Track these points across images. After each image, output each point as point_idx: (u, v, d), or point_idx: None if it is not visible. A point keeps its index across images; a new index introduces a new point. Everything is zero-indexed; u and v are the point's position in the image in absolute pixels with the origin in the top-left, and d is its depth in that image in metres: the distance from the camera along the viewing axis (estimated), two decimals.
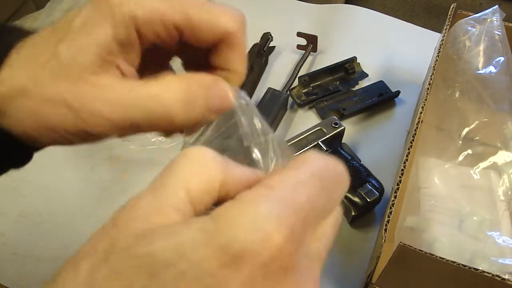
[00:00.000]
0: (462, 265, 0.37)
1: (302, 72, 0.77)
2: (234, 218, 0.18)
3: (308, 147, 0.62)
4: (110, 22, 0.24)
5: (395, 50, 0.84)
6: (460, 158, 0.59)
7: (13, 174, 0.31)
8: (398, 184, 0.45)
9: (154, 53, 0.28)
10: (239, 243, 0.17)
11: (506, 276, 0.36)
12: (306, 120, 0.73)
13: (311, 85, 0.76)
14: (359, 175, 0.60)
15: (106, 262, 0.18)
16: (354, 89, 0.77)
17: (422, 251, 0.37)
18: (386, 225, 0.41)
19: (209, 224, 0.18)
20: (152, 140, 0.67)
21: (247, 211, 0.18)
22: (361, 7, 0.93)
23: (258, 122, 0.25)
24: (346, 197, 0.59)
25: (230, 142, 0.25)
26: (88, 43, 0.24)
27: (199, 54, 0.27)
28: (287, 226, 0.18)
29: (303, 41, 0.81)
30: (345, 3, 1.02)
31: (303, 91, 0.75)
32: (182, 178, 0.20)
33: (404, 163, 0.46)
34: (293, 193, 0.20)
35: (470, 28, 0.61)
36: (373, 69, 0.80)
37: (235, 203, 0.19)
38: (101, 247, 0.19)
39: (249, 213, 0.18)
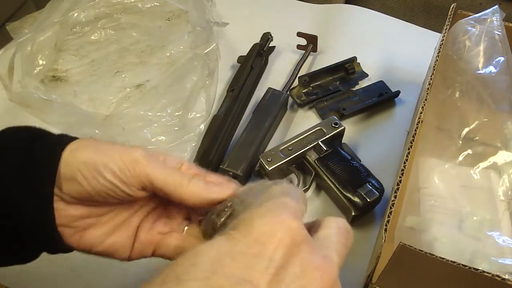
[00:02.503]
0: (462, 265, 0.37)
1: (302, 72, 0.77)
2: (248, 219, 0.25)
3: (308, 147, 0.62)
4: None
5: (395, 50, 0.84)
6: (460, 158, 0.59)
7: None
8: (398, 184, 0.45)
9: None
10: (257, 229, 0.24)
11: (506, 276, 0.36)
12: (306, 120, 0.73)
13: (311, 85, 0.76)
14: (359, 175, 0.60)
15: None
16: (354, 89, 0.77)
17: (422, 251, 0.37)
18: (386, 225, 0.42)
19: (232, 232, 0.25)
20: (152, 140, 0.67)
21: (255, 214, 0.25)
22: (361, 7, 0.93)
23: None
24: (346, 197, 0.59)
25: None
26: None
27: None
28: (293, 212, 0.25)
29: (303, 41, 0.81)
30: (345, 3, 1.02)
31: (303, 91, 0.75)
32: None
33: (404, 163, 0.46)
34: (283, 198, 0.27)
35: (470, 28, 0.61)
36: (373, 69, 0.80)
37: (244, 216, 0.25)
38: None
39: (258, 214, 0.25)
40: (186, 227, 0.37)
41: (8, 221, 0.32)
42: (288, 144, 0.62)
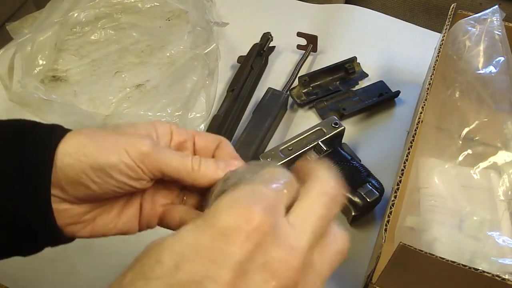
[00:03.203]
0: (462, 265, 0.37)
1: (302, 72, 0.77)
2: (214, 208, 0.23)
3: (308, 147, 0.62)
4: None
5: (395, 50, 0.84)
6: (460, 158, 0.59)
7: None
8: (398, 184, 0.45)
9: None
10: (222, 221, 0.23)
11: (506, 276, 0.36)
12: (306, 120, 0.73)
13: (311, 85, 0.76)
14: (359, 175, 0.60)
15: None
16: (354, 89, 0.77)
17: (422, 251, 0.37)
18: (386, 225, 0.42)
19: (199, 221, 0.23)
20: None
21: (222, 202, 0.24)
22: (361, 7, 0.93)
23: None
24: (346, 197, 0.59)
25: None
26: None
27: None
28: (257, 203, 0.23)
29: (303, 41, 0.81)
30: (345, 3, 1.02)
31: (303, 91, 0.75)
32: None
33: (404, 163, 0.46)
34: (256, 186, 0.25)
35: (470, 28, 0.61)
36: (373, 69, 0.80)
37: (214, 204, 0.24)
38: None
39: (224, 202, 0.24)
40: (184, 197, 0.37)
41: (6, 218, 0.31)
42: (288, 144, 0.62)
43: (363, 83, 0.78)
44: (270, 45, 0.80)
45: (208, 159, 0.34)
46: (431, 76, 0.55)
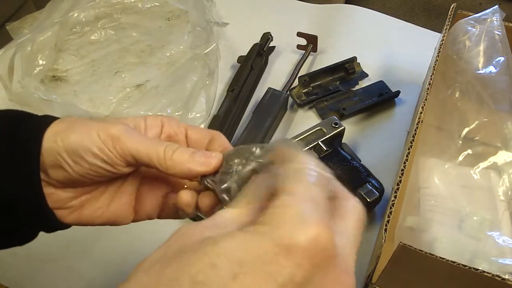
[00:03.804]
0: (462, 265, 0.37)
1: (302, 72, 0.77)
2: (280, 219, 0.22)
3: (308, 147, 0.62)
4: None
5: (395, 50, 0.84)
6: (460, 158, 0.59)
7: None
8: (398, 184, 0.45)
9: None
10: (289, 237, 0.21)
11: (506, 276, 0.36)
12: (306, 120, 0.73)
13: (311, 85, 0.76)
14: (359, 175, 0.60)
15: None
16: (354, 89, 0.77)
17: (422, 251, 0.37)
18: (386, 225, 0.41)
19: (261, 227, 0.22)
20: None
21: (288, 212, 0.22)
22: (361, 7, 0.93)
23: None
24: None
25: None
26: None
27: None
28: (323, 220, 0.22)
29: (303, 41, 0.81)
30: (345, 3, 1.02)
31: (303, 91, 0.75)
32: None
33: (404, 163, 0.46)
34: (311, 192, 0.23)
35: (470, 28, 0.61)
36: (373, 69, 0.80)
37: (276, 209, 0.22)
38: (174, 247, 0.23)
39: (291, 214, 0.22)
40: (185, 186, 0.37)
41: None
42: None
43: (363, 83, 0.78)
44: (270, 45, 0.80)
45: (185, 148, 0.33)
46: (431, 76, 0.55)
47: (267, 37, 0.79)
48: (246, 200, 0.26)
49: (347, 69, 0.77)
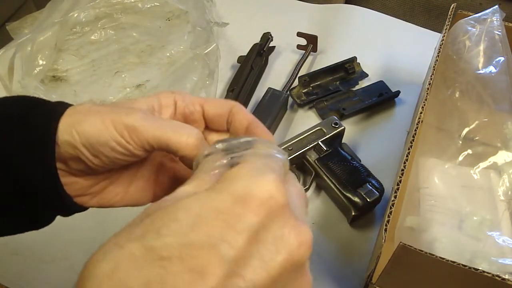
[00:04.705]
0: (462, 265, 0.37)
1: (302, 72, 0.77)
2: (237, 175, 0.24)
3: (308, 147, 0.62)
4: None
5: (395, 50, 0.84)
6: (460, 158, 0.59)
7: None
8: (398, 184, 0.45)
9: None
10: (244, 188, 0.23)
11: (506, 276, 0.36)
12: (306, 120, 0.73)
13: (311, 85, 0.76)
14: (359, 175, 0.60)
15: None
16: (354, 89, 0.77)
17: (422, 251, 0.37)
18: (386, 225, 0.41)
19: (218, 185, 0.24)
20: None
21: (244, 169, 0.24)
22: (361, 7, 0.93)
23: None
24: (346, 197, 0.59)
25: None
26: None
27: None
28: (278, 176, 0.24)
29: (303, 41, 0.81)
30: (345, 3, 1.02)
31: (303, 91, 0.75)
32: None
33: (404, 163, 0.46)
34: (266, 161, 0.26)
35: (470, 28, 0.61)
36: (373, 69, 0.80)
37: (232, 171, 0.24)
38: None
39: (246, 170, 0.24)
40: None
41: (14, 188, 0.32)
42: (288, 144, 0.62)
43: (363, 83, 0.78)
44: (270, 45, 0.80)
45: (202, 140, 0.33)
46: (431, 76, 0.55)
47: (267, 37, 0.79)
48: (205, 171, 0.27)
49: (347, 69, 0.77)
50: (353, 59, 0.78)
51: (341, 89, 0.76)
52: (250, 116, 0.35)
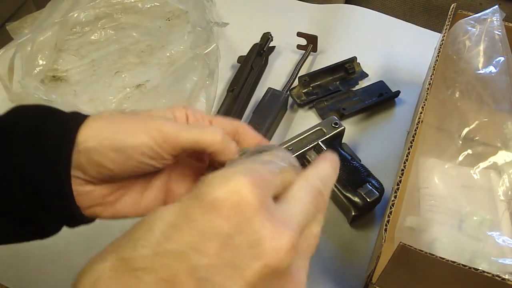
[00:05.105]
0: (462, 265, 0.37)
1: (302, 72, 0.77)
2: (206, 182, 0.24)
3: (308, 147, 0.62)
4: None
5: (395, 50, 0.84)
6: (460, 158, 0.59)
7: None
8: (398, 184, 0.45)
9: None
10: (211, 193, 0.23)
11: (506, 276, 0.36)
12: (306, 120, 0.73)
13: (311, 85, 0.76)
14: (359, 175, 0.60)
15: None
16: (354, 89, 0.77)
17: (422, 251, 0.37)
18: (386, 225, 0.42)
19: (190, 194, 0.24)
20: None
21: (215, 177, 0.24)
22: (361, 7, 0.93)
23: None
24: (346, 197, 0.59)
25: None
26: None
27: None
28: (246, 177, 0.23)
29: (303, 41, 0.81)
30: (345, 3, 1.02)
31: (303, 91, 0.75)
32: None
33: (404, 163, 0.46)
34: (252, 164, 0.26)
35: (470, 28, 0.61)
36: (373, 69, 0.80)
37: (205, 179, 0.24)
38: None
39: (216, 178, 0.24)
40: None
41: (25, 197, 0.32)
42: (288, 144, 0.62)
43: (363, 83, 0.78)
44: (270, 45, 0.80)
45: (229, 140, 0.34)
46: (431, 76, 0.55)
47: (267, 37, 0.79)
48: None
49: (347, 69, 0.77)
50: (353, 59, 0.78)
51: (341, 89, 0.76)
52: (258, 136, 0.37)
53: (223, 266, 0.21)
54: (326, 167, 0.29)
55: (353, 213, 0.58)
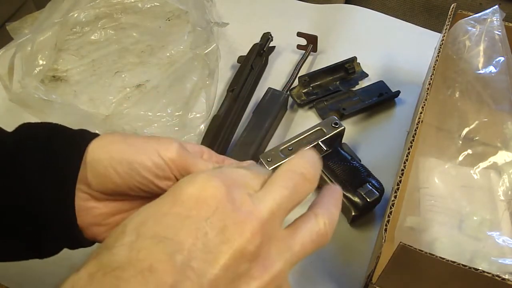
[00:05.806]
0: (462, 265, 0.37)
1: (302, 72, 0.77)
2: (178, 182, 0.26)
3: (308, 147, 0.62)
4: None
5: (395, 50, 0.84)
6: (460, 158, 0.59)
7: None
8: (398, 184, 0.45)
9: None
10: (181, 191, 0.25)
11: (506, 276, 0.36)
12: (306, 120, 0.73)
13: (311, 85, 0.76)
14: (359, 175, 0.60)
15: None
16: (354, 89, 0.77)
17: (422, 251, 0.37)
18: (386, 225, 0.42)
19: (164, 194, 0.26)
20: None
21: (186, 177, 0.26)
22: (361, 7, 0.93)
23: None
24: (346, 197, 0.59)
25: None
26: None
27: None
28: (217, 177, 0.25)
29: (303, 41, 0.81)
30: (345, 3, 1.02)
31: (303, 91, 0.75)
32: None
33: (404, 163, 0.46)
34: (222, 168, 0.28)
35: (470, 28, 0.61)
36: (373, 69, 0.80)
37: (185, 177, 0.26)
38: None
39: (187, 176, 0.26)
40: None
41: (28, 217, 0.32)
42: (288, 144, 0.62)
43: (363, 83, 0.78)
44: (270, 45, 0.80)
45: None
46: (431, 76, 0.55)
47: (267, 37, 0.79)
48: None
49: (347, 69, 0.77)
50: (353, 59, 0.78)
51: (341, 89, 0.76)
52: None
53: (198, 251, 0.23)
54: (307, 152, 0.30)
55: (353, 213, 0.58)
